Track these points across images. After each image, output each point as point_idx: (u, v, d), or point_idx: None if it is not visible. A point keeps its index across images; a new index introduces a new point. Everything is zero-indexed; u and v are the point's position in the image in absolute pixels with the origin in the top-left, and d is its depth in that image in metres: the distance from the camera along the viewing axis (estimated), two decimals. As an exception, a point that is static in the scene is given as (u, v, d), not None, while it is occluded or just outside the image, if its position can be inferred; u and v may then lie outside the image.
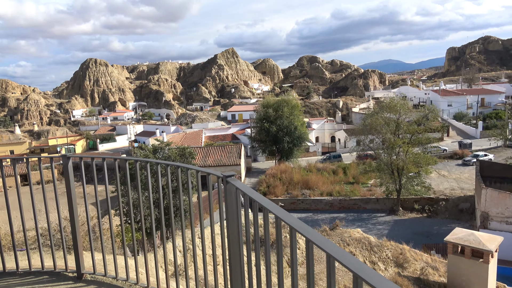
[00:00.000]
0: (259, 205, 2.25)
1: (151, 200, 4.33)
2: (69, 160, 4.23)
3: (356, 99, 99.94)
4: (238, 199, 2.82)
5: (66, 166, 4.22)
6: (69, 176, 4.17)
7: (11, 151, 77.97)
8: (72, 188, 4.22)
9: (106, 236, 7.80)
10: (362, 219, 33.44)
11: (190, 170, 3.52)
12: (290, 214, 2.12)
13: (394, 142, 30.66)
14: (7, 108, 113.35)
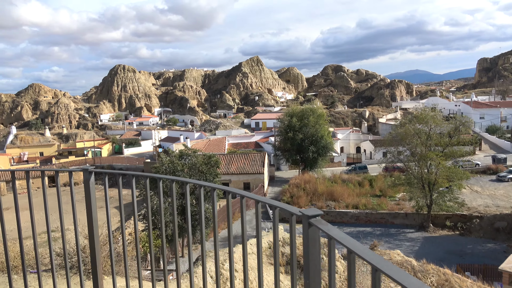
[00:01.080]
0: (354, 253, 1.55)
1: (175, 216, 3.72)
2: (91, 175, 3.67)
3: (383, 109, 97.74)
4: (319, 247, 2.03)
5: (87, 182, 3.68)
6: (90, 193, 3.64)
7: (40, 152, 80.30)
8: (93, 205, 3.69)
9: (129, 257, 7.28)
10: (389, 234, 32.05)
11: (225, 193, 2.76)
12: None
13: (426, 154, 29.28)
14: (39, 111, 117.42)
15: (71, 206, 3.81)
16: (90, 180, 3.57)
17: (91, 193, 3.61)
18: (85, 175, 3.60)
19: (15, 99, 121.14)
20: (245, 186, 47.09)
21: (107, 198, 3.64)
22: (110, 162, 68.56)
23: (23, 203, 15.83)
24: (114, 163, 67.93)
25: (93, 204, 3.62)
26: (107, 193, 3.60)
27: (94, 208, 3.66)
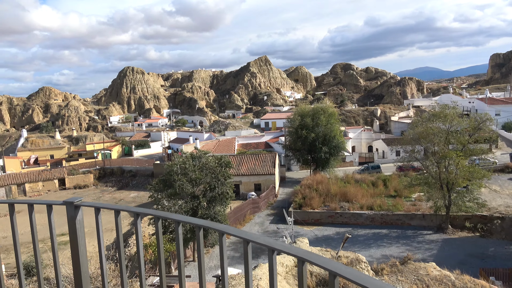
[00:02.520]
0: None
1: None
2: (78, 211, 2.77)
3: (395, 107, 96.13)
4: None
5: (73, 219, 2.81)
6: (76, 232, 2.74)
7: (51, 155, 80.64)
8: (81, 246, 2.80)
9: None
10: (406, 236, 31.02)
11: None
12: None
13: (445, 153, 28.18)
14: (49, 114, 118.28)
15: (51, 244, 2.97)
16: (76, 217, 2.69)
17: (78, 234, 2.74)
18: (69, 211, 2.73)
19: (26, 103, 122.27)
20: (256, 187, 46.37)
21: (101, 237, 2.82)
22: (120, 164, 68.42)
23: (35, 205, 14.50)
24: (124, 165, 67.77)
25: (81, 244, 2.76)
26: (100, 231, 2.79)
27: (83, 248, 2.79)
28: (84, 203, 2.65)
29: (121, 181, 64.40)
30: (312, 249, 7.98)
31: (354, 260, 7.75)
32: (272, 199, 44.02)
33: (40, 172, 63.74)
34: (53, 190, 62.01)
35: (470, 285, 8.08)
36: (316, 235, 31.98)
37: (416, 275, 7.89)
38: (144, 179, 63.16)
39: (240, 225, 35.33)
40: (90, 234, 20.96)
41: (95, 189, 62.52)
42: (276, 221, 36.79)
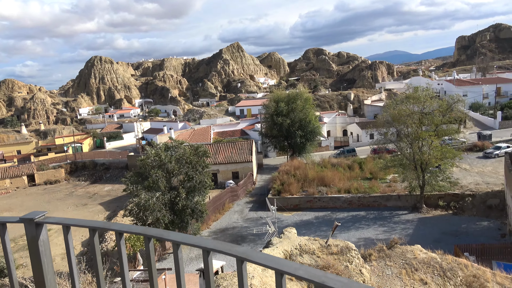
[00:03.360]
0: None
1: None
2: (41, 229, 2.07)
3: (367, 91, 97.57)
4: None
5: (34, 240, 2.15)
6: (40, 255, 2.12)
7: (18, 151, 77.15)
8: (47, 271, 2.21)
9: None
10: (383, 217, 31.72)
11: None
12: None
13: (419, 134, 28.77)
14: (13, 107, 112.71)
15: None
16: (39, 237, 2.09)
17: (42, 258, 2.15)
18: (29, 230, 2.08)
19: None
20: (233, 175, 46.10)
21: (72, 260, 2.33)
22: (92, 157, 66.33)
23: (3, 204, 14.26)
24: (96, 158, 65.75)
25: (47, 271, 2.19)
26: (71, 251, 2.31)
27: (51, 277, 2.21)
28: (48, 220, 2.11)
29: (94, 175, 62.50)
30: (301, 239, 7.79)
31: (344, 249, 7.63)
32: (251, 187, 43.93)
33: (6, 169, 60.88)
34: (22, 187, 59.46)
35: (454, 264, 8.18)
36: (295, 221, 32.18)
37: (404, 259, 7.88)
38: (118, 172, 61.54)
39: (220, 214, 35.08)
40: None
41: (67, 184, 60.43)
42: (255, 208, 36.77)
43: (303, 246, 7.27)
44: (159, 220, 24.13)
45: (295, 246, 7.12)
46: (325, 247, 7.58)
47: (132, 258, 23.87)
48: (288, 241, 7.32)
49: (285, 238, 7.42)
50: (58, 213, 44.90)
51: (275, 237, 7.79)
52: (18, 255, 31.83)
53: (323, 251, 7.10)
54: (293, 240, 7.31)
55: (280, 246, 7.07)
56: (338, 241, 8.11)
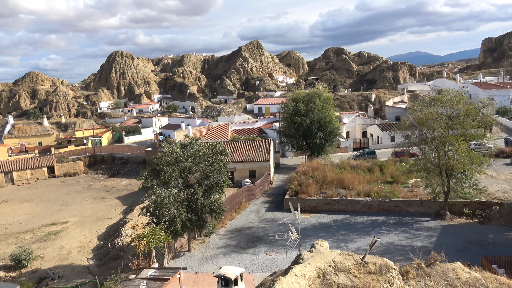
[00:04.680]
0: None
1: None
2: None
3: (389, 92, 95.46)
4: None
5: None
6: None
7: (39, 142, 78.67)
8: None
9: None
10: (404, 223, 30.62)
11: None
12: None
13: (446, 138, 27.56)
14: (37, 100, 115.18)
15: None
16: None
17: None
18: None
19: (12, 88, 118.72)
20: (250, 174, 45.58)
21: None
22: (110, 151, 66.97)
23: (23, 194, 13.77)
24: (114, 152, 66.35)
25: None
26: None
27: None
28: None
29: (112, 168, 63.09)
30: (334, 254, 7.08)
31: (383, 267, 6.89)
32: (267, 186, 43.33)
33: (28, 160, 62.04)
34: (42, 178, 60.50)
35: (496, 284, 7.36)
36: (313, 223, 31.43)
37: (445, 279, 7.12)
38: (135, 166, 61.95)
39: (236, 213, 34.63)
40: (80, 224, 19.87)
41: (85, 177, 61.16)
42: (272, 208, 36.17)
43: (337, 263, 6.54)
44: (176, 218, 23.76)
45: (328, 263, 6.46)
46: (361, 264, 6.90)
47: (147, 255, 23.62)
48: (320, 256, 6.66)
49: (317, 253, 6.77)
50: (76, 205, 45.35)
51: (305, 251, 7.13)
52: (36, 246, 32.15)
53: (359, 270, 6.44)
54: (326, 256, 6.66)
55: (312, 263, 6.38)
56: (375, 258, 7.39)
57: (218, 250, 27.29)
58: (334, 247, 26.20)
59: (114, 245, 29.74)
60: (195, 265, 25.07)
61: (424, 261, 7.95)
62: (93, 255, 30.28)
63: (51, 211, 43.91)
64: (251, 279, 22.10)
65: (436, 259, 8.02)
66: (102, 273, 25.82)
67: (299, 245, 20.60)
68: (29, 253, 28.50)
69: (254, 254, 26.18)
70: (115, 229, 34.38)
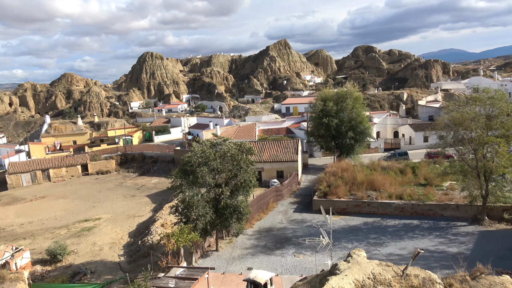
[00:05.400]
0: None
1: None
2: None
3: (422, 91, 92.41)
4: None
5: None
6: None
7: (74, 141, 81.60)
8: None
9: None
10: (439, 228, 29.37)
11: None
12: None
13: (486, 139, 26.18)
14: (72, 100, 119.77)
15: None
16: None
17: None
18: None
19: (49, 89, 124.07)
20: (278, 174, 45.27)
21: None
22: (141, 150, 68.49)
23: (59, 191, 14.00)
24: (145, 150, 67.81)
25: None
26: None
27: None
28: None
29: (143, 167, 64.48)
30: (373, 265, 6.66)
31: (427, 281, 6.42)
32: (295, 187, 42.87)
33: (63, 158, 64.46)
34: (76, 176, 62.68)
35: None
36: (342, 226, 30.73)
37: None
38: (165, 165, 63.04)
39: (263, 214, 34.43)
40: (112, 221, 20.10)
41: (117, 175, 62.82)
42: (300, 209, 35.72)
43: (377, 275, 6.14)
44: (200, 217, 23.82)
45: (367, 275, 6.09)
46: (402, 277, 6.46)
47: (176, 254, 23.82)
48: (358, 267, 6.29)
49: (354, 264, 6.41)
50: (108, 203, 46.60)
51: (341, 261, 6.76)
52: (70, 241, 33.22)
53: (401, 283, 6.02)
54: (364, 267, 6.28)
55: (350, 274, 5.99)
56: (418, 270, 6.89)
57: (245, 250, 27.18)
58: (365, 250, 25.49)
59: (144, 242, 30.24)
60: (222, 265, 25.06)
61: (468, 273, 7.39)
62: (124, 252, 30.93)
63: (84, 207, 45.35)
64: (279, 281, 21.82)
65: (482, 272, 7.44)
66: (132, 270, 26.30)
67: (331, 250, 20.11)
68: (64, 248, 29.45)
69: (282, 255, 25.88)
70: (145, 227, 35.01)
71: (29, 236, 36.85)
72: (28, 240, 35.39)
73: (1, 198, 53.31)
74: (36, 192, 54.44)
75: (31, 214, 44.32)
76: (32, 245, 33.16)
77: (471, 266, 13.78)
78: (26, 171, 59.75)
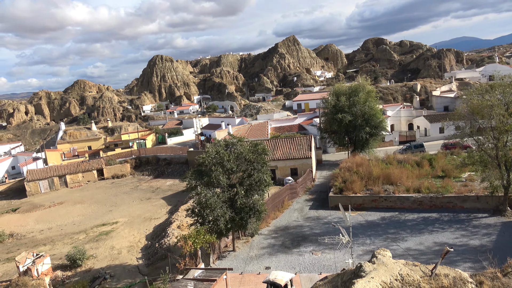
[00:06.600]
0: None
1: None
2: None
3: (435, 81, 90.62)
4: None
5: None
6: None
7: (89, 146, 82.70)
8: None
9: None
10: (459, 220, 28.67)
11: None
12: None
13: (506, 127, 25.38)
14: (85, 106, 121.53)
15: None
16: None
17: None
18: None
19: (63, 96, 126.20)
20: (292, 172, 44.96)
21: None
22: (154, 152, 69.00)
23: (76, 196, 13.99)
24: (158, 153, 68.27)
25: None
26: None
27: None
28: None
29: (157, 170, 64.95)
30: (400, 266, 6.33)
31: (458, 280, 6.08)
32: (310, 184, 42.50)
33: (79, 164, 65.39)
34: (92, 181, 63.51)
35: None
36: (360, 221, 30.29)
37: (528, 290, 6.27)
38: (179, 167, 63.37)
39: (279, 212, 34.20)
40: (129, 224, 20.10)
41: (132, 178, 63.43)
42: (315, 206, 35.37)
43: (404, 276, 5.82)
44: (220, 217, 23.73)
45: (394, 276, 5.79)
46: (431, 277, 6.16)
47: (193, 255, 23.80)
48: (384, 268, 6.00)
49: (380, 264, 6.11)
50: (124, 206, 47.05)
51: (366, 263, 6.49)
52: (88, 246, 33.62)
53: (430, 284, 5.71)
54: (391, 268, 5.98)
55: (376, 277, 5.70)
56: (447, 269, 6.54)
57: (263, 250, 27.01)
58: (384, 246, 25.02)
59: (161, 245, 30.37)
60: (240, 265, 24.95)
61: (499, 270, 7.02)
62: (142, 255, 31.13)
63: (101, 212, 45.88)
64: (298, 280, 21.60)
65: (509, 271, 7.04)
66: (151, 272, 26.43)
67: (351, 248, 19.76)
68: (83, 253, 29.79)
69: (299, 254, 25.63)
70: (161, 229, 35.17)
71: (49, 242, 37.44)
72: (48, 246, 35.96)
73: (21, 205, 54.38)
74: (54, 198, 55.37)
75: (50, 220, 45.06)
76: (52, 251, 33.69)
77: (497, 259, 13.30)
78: (43, 178, 60.83)
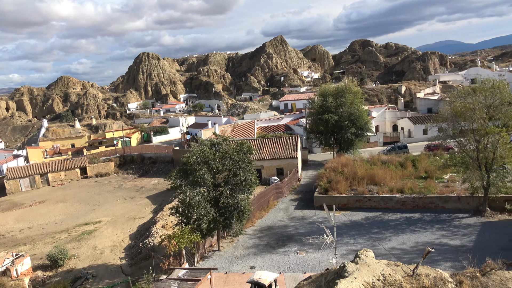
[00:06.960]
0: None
1: None
2: None
3: (420, 83, 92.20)
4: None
5: None
6: None
7: (72, 144, 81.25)
8: None
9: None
10: (441, 220, 29.23)
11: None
12: None
13: (488, 129, 25.99)
14: (69, 103, 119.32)
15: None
16: None
17: None
18: None
19: (46, 92, 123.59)
20: (278, 171, 45.07)
21: None
22: (139, 151, 68.23)
23: (58, 195, 13.71)
24: (143, 152, 67.55)
25: None
26: None
27: None
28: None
29: (142, 168, 64.24)
30: (382, 266, 6.40)
31: (438, 280, 6.19)
32: (295, 184, 42.69)
33: (62, 162, 64.17)
34: (75, 179, 62.42)
35: None
36: (344, 221, 30.56)
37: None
38: (164, 166, 62.81)
39: (264, 211, 34.25)
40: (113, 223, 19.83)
41: (116, 177, 62.58)
42: (301, 206, 35.55)
43: (387, 276, 5.91)
44: (202, 217, 23.61)
45: (377, 277, 5.85)
46: (412, 277, 6.25)
47: (178, 255, 23.63)
48: (367, 268, 6.06)
49: (363, 265, 6.17)
50: (108, 205, 46.39)
51: (349, 263, 6.54)
52: (70, 245, 33.02)
53: (411, 283, 5.80)
54: (374, 268, 6.04)
55: (359, 277, 5.75)
56: (428, 269, 6.65)
57: (248, 249, 27.00)
58: (368, 245, 25.31)
59: (145, 244, 30.06)
60: (225, 264, 24.89)
61: (478, 269, 7.18)
62: (125, 255, 30.75)
63: (84, 211, 45.13)
64: (283, 279, 21.66)
65: (493, 267, 7.22)
66: (134, 272, 26.13)
67: (335, 248, 19.92)
68: (64, 252, 29.25)
69: (284, 253, 25.71)
70: (145, 229, 34.81)
71: (29, 241, 36.63)
72: (28, 246, 35.18)
73: (1, 204, 53.05)
74: (35, 197, 54.19)
75: (31, 219, 44.08)
76: (32, 251, 32.96)
77: (476, 258, 13.60)
78: (24, 176, 59.47)
